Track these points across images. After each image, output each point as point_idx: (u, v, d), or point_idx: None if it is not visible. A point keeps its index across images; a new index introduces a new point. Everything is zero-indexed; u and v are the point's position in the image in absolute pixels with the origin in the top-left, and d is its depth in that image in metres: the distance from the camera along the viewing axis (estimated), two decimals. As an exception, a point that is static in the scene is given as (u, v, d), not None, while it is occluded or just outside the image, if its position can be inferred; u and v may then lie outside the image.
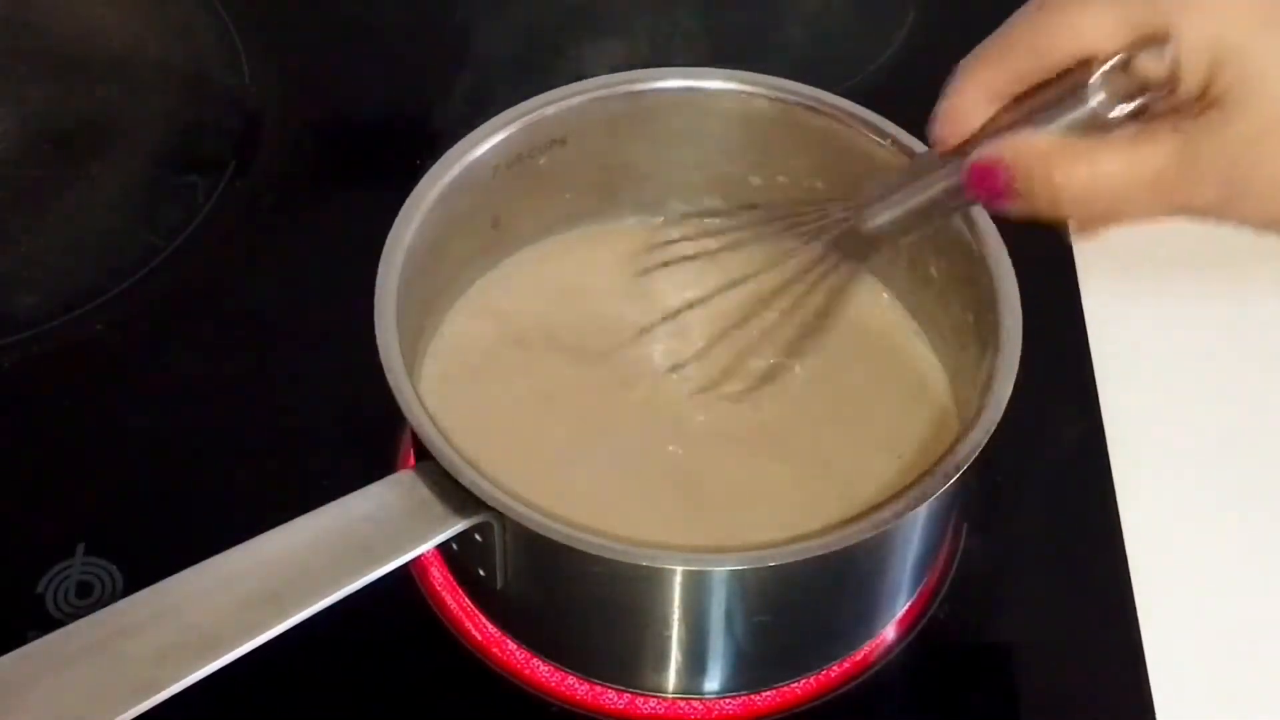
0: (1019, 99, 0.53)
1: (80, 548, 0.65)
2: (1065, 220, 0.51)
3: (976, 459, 0.55)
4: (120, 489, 0.68)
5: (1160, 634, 0.64)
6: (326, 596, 0.52)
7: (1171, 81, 0.49)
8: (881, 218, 0.59)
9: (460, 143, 0.63)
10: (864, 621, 0.62)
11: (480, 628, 0.64)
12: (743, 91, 0.65)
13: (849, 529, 0.54)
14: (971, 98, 0.53)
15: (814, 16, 0.87)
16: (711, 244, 0.65)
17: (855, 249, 0.60)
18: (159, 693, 0.50)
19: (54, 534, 0.66)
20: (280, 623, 0.52)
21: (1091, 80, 0.51)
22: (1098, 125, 0.51)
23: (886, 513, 0.55)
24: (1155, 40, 0.49)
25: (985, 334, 0.59)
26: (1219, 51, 0.48)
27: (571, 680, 0.62)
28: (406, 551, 0.54)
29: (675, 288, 0.67)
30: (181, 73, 0.85)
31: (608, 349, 0.66)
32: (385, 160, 0.79)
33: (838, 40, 0.86)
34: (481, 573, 0.58)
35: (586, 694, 0.62)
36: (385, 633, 0.64)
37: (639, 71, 0.66)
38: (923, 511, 0.56)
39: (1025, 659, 0.65)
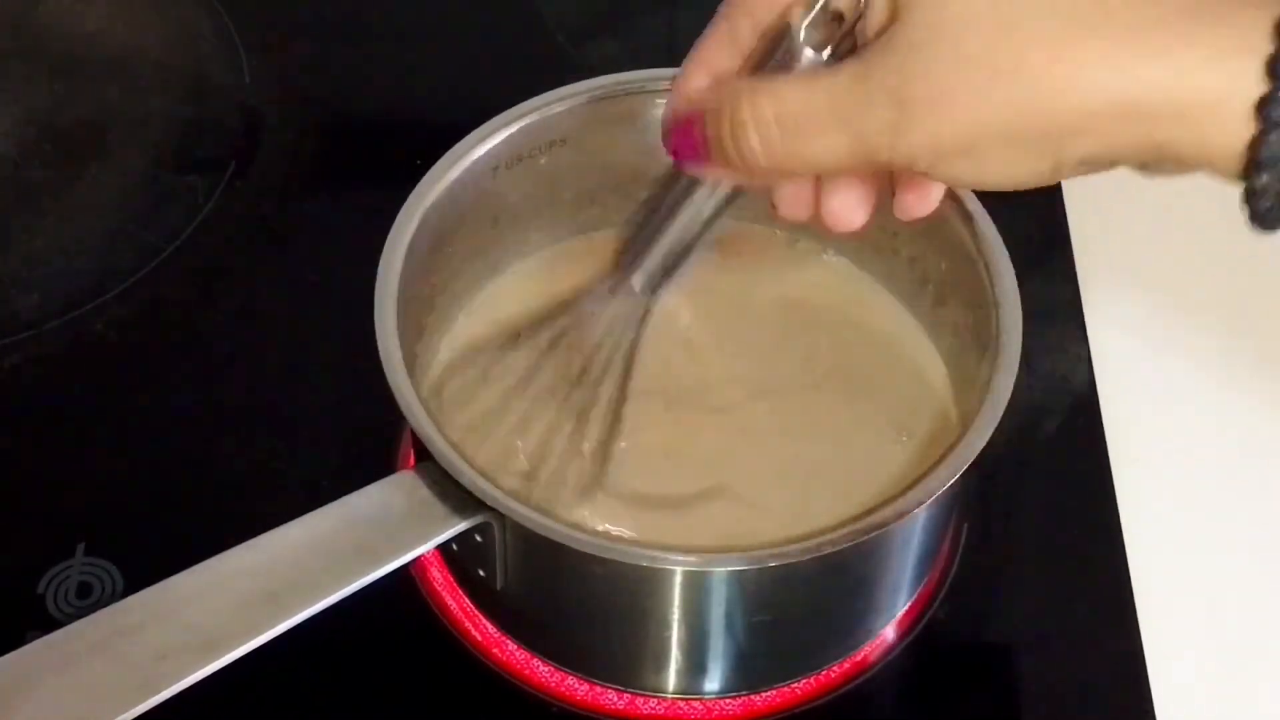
0: (741, 70, 0.51)
1: (80, 548, 0.65)
2: (765, 165, 0.49)
3: (976, 459, 0.55)
4: (120, 489, 0.68)
5: (1160, 634, 0.64)
6: (326, 596, 0.52)
7: (861, 8, 0.48)
8: (644, 270, 0.58)
9: (460, 143, 0.63)
10: (864, 621, 0.62)
11: (480, 628, 0.64)
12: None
13: (849, 529, 0.54)
14: (696, 81, 0.52)
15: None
16: None
17: (639, 304, 0.60)
18: (159, 693, 0.50)
19: (54, 534, 0.66)
20: (280, 623, 0.52)
21: (797, 28, 0.49)
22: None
23: (886, 513, 0.55)
24: None
25: (985, 334, 0.59)
26: None
27: (571, 680, 0.62)
28: (406, 551, 0.54)
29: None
30: (181, 73, 0.85)
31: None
32: (385, 160, 0.79)
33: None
34: (481, 573, 0.58)
35: (586, 694, 0.62)
36: (385, 633, 0.64)
37: (639, 71, 0.66)
38: (923, 511, 0.56)
39: (1025, 659, 0.65)
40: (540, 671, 0.62)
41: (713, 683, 0.61)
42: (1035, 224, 0.75)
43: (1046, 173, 0.46)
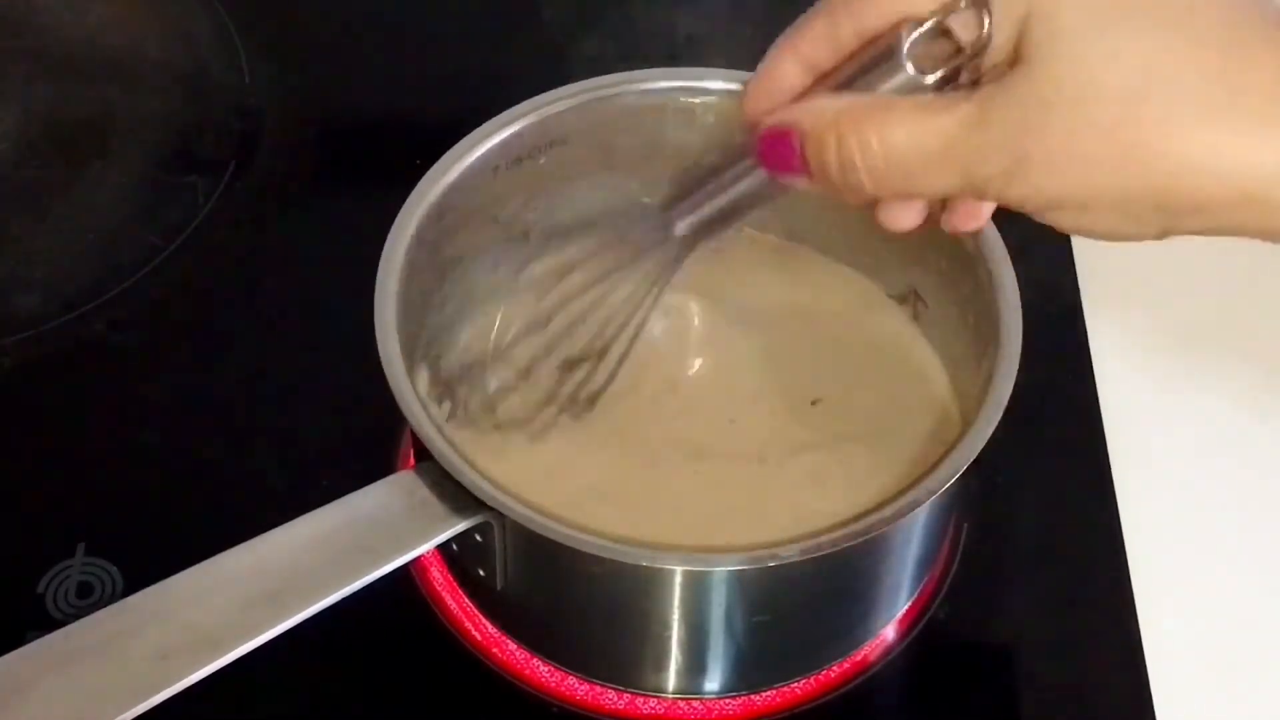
0: (837, 71, 0.49)
1: (80, 548, 0.65)
2: (858, 196, 0.47)
3: (976, 459, 0.55)
4: (120, 489, 0.68)
5: (1160, 634, 0.64)
6: (326, 596, 0.52)
7: (983, 44, 0.46)
8: (691, 219, 0.57)
9: (460, 143, 0.63)
10: (864, 621, 0.62)
11: (480, 628, 0.64)
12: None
13: (849, 529, 0.54)
14: (786, 69, 0.50)
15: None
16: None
17: (674, 250, 0.59)
18: (159, 693, 0.50)
19: (54, 534, 0.66)
20: (280, 623, 0.52)
21: (904, 44, 0.47)
22: (913, 94, 0.47)
23: (887, 513, 0.55)
24: (973, 2, 0.46)
25: (985, 334, 0.59)
26: (1033, 8, 0.44)
27: (571, 680, 0.62)
28: (406, 551, 0.54)
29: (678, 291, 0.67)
30: (181, 73, 0.85)
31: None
32: (385, 160, 0.79)
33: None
34: (481, 573, 0.58)
35: (586, 694, 0.62)
36: (385, 633, 0.64)
37: (639, 71, 0.66)
38: (923, 511, 0.56)
39: (1025, 659, 0.65)
40: (540, 671, 0.62)
41: (712, 683, 0.61)
42: (1036, 225, 0.75)
43: (1155, 236, 0.45)
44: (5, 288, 0.75)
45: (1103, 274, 0.75)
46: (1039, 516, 0.68)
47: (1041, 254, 0.74)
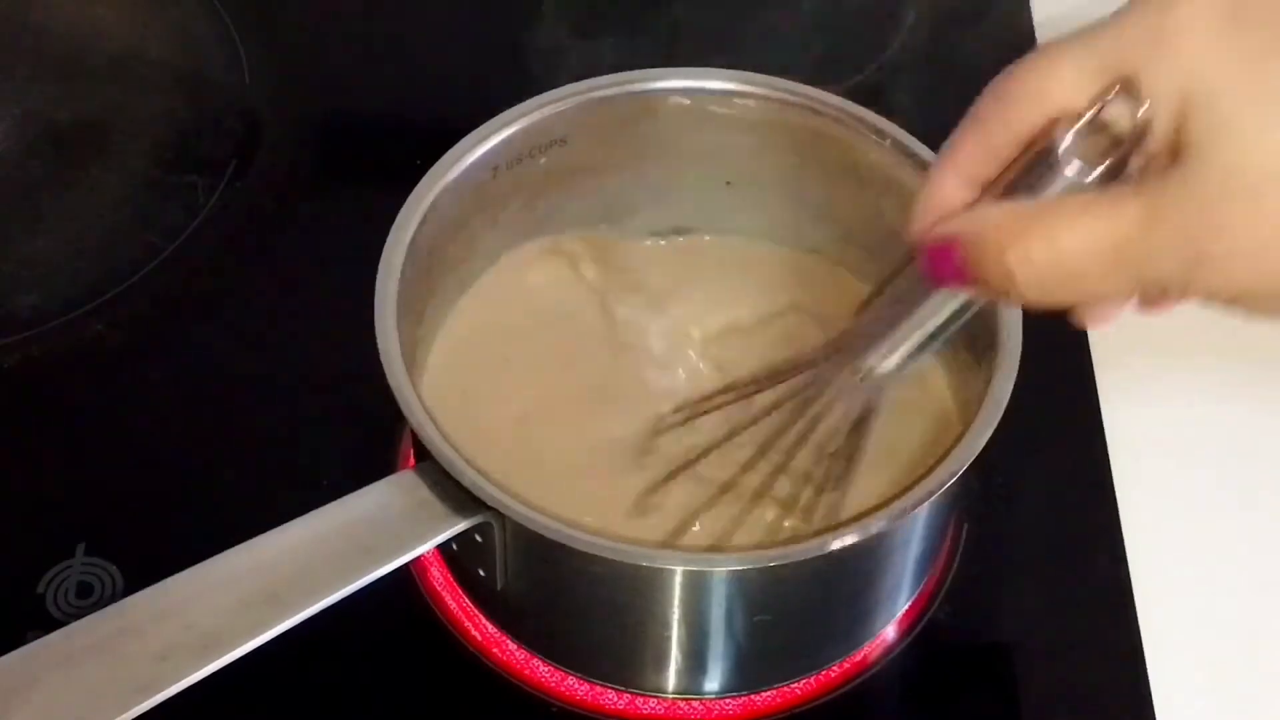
0: (1000, 179, 0.47)
1: (80, 548, 0.65)
2: (1035, 300, 0.46)
3: (976, 459, 0.55)
4: (120, 489, 0.68)
5: (1160, 634, 0.64)
6: (326, 596, 0.52)
7: (1142, 133, 0.43)
8: (892, 361, 0.55)
9: (460, 143, 0.63)
10: (864, 621, 0.62)
11: (480, 628, 0.64)
12: (743, 92, 0.65)
13: (849, 529, 0.54)
14: (949, 186, 0.48)
15: (814, 16, 0.87)
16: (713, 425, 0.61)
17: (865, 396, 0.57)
18: (159, 693, 0.50)
19: (54, 534, 0.66)
20: (280, 623, 0.52)
21: (1062, 142, 0.45)
22: (1078, 192, 0.45)
23: (886, 513, 0.55)
24: (1125, 89, 0.44)
25: (985, 334, 0.59)
26: (1189, 95, 0.42)
27: (571, 680, 0.62)
28: (406, 551, 0.54)
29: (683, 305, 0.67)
30: (181, 73, 0.85)
31: (609, 350, 0.66)
32: (385, 160, 0.79)
33: (838, 40, 0.86)
34: (481, 573, 0.58)
35: (586, 694, 0.62)
36: (385, 633, 0.64)
37: (639, 71, 0.66)
38: (923, 511, 0.56)
39: (1025, 659, 0.65)
40: (540, 671, 0.62)
41: (713, 683, 0.61)
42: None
43: None
44: (5, 288, 0.75)
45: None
46: (1039, 516, 0.68)
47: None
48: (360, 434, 0.69)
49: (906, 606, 0.64)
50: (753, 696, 0.62)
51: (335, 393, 0.70)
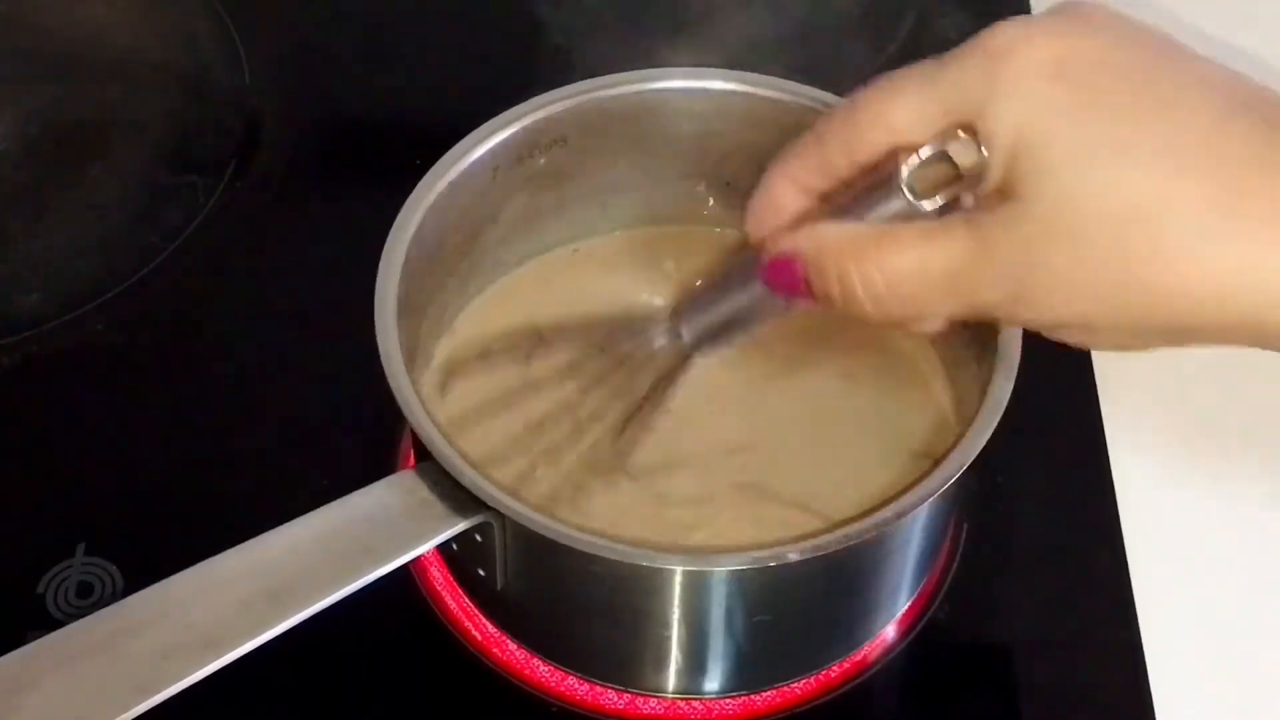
0: (835, 193, 0.50)
1: (80, 548, 0.65)
2: (873, 318, 0.48)
3: (976, 459, 0.55)
4: (120, 489, 0.68)
5: (1160, 634, 0.64)
6: (326, 596, 0.52)
7: (979, 172, 0.46)
8: (699, 329, 0.59)
9: (460, 143, 0.63)
10: (864, 621, 0.62)
11: (480, 628, 0.64)
12: (743, 91, 0.65)
13: (849, 529, 0.54)
14: (781, 192, 0.51)
15: (814, 16, 0.87)
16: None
17: (678, 355, 0.60)
18: (160, 693, 0.50)
19: (54, 534, 0.66)
20: (280, 623, 0.52)
21: (900, 172, 0.47)
22: (910, 219, 0.48)
23: (886, 513, 0.55)
24: (966, 128, 0.46)
25: (985, 334, 0.59)
26: (1020, 139, 0.45)
27: (571, 680, 0.62)
28: (406, 551, 0.54)
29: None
30: (181, 73, 0.85)
31: (609, 349, 0.66)
32: (385, 160, 0.79)
33: (838, 40, 0.86)
34: (481, 573, 0.58)
35: (586, 694, 0.62)
36: (385, 633, 0.64)
37: (639, 71, 0.66)
38: (923, 511, 0.56)
39: (1025, 659, 0.65)
40: (540, 671, 0.62)
41: (713, 683, 0.61)
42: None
43: (1160, 346, 0.46)
44: (5, 288, 0.75)
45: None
46: (1039, 516, 0.68)
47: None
48: (360, 434, 0.69)
49: (906, 606, 0.64)
50: (753, 696, 0.62)
51: (335, 393, 0.70)
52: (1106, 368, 0.72)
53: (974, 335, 0.61)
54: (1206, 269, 0.43)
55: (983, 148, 0.46)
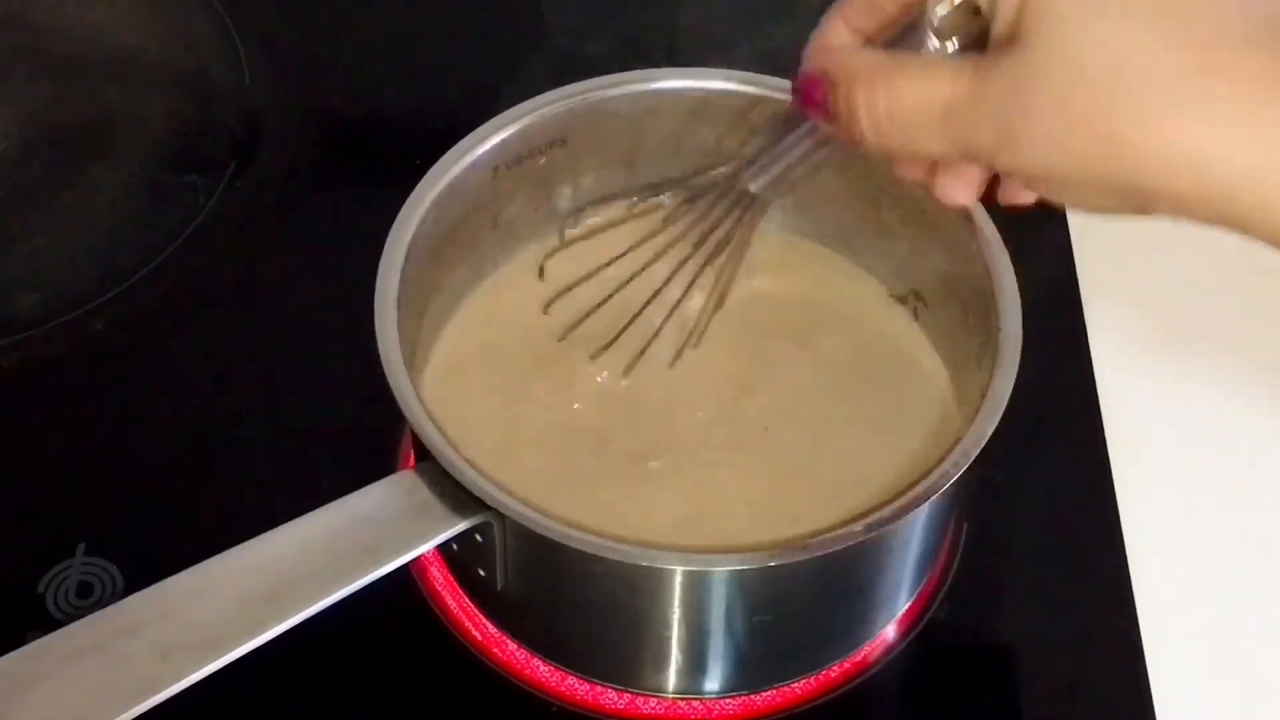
0: (879, 35, 0.52)
1: (80, 548, 0.65)
2: (874, 146, 0.50)
3: (976, 459, 0.55)
4: (120, 489, 0.68)
5: (1160, 634, 0.64)
6: (326, 596, 0.52)
7: (991, 12, 0.47)
8: (765, 175, 0.60)
9: (460, 143, 0.63)
10: (864, 621, 0.62)
11: (480, 628, 0.64)
12: (743, 91, 0.65)
13: (849, 529, 0.54)
14: (835, 31, 0.53)
15: (814, 16, 0.87)
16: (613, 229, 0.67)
17: (753, 205, 0.62)
18: (160, 693, 0.50)
19: (54, 534, 0.66)
20: (280, 623, 0.52)
21: (929, 13, 0.49)
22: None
23: (886, 513, 0.55)
24: None
25: (985, 334, 0.59)
26: None
27: (571, 680, 0.62)
28: (406, 551, 0.54)
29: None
30: (181, 73, 0.85)
31: (608, 348, 0.66)
32: (385, 160, 0.79)
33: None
34: (481, 573, 0.58)
35: (586, 694, 0.62)
36: (385, 633, 0.64)
37: (639, 71, 0.66)
38: (923, 511, 0.56)
39: (1025, 659, 0.65)
40: (540, 671, 0.62)
41: (713, 683, 0.61)
42: (1036, 225, 0.75)
43: (1135, 213, 0.47)
44: (5, 288, 0.75)
45: (1103, 273, 0.75)
46: (1039, 516, 0.68)
47: (1041, 253, 0.74)
48: (360, 434, 0.69)
49: (906, 606, 0.64)
50: (753, 696, 0.62)
51: (335, 393, 0.70)
52: (1107, 367, 0.72)
53: (975, 335, 0.61)
54: (1182, 134, 0.43)
55: None
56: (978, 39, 0.49)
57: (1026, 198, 0.53)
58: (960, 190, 0.53)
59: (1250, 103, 0.43)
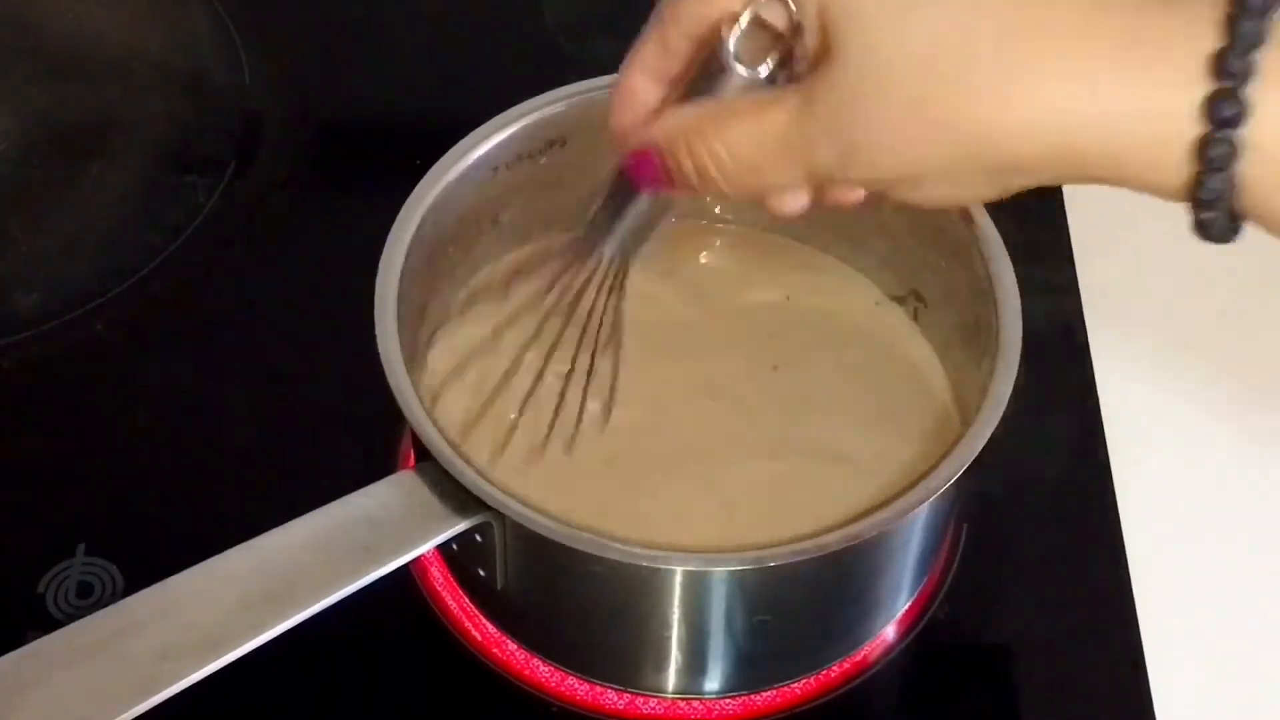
0: (684, 75, 0.51)
1: (80, 548, 0.65)
2: (732, 193, 0.49)
3: (976, 459, 0.55)
4: (120, 489, 0.68)
5: (1160, 634, 0.64)
6: (326, 596, 0.52)
7: (795, 31, 0.47)
8: (612, 241, 0.58)
9: (460, 143, 0.63)
10: (864, 621, 0.62)
11: (480, 628, 0.64)
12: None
13: (849, 529, 0.54)
14: (638, 83, 0.52)
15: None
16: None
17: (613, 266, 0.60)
18: (160, 693, 0.50)
19: (54, 534, 0.66)
20: (280, 623, 0.52)
21: (727, 44, 0.48)
22: (753, 91, 0.49)
23: (886, 513, 0.55)
24: None
25: (985, 334, 0.59)
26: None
27: (571, 680, 0.62)
28: (406, 551, 0.54)
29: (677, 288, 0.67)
30: (181, 73, 0.85)
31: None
32: (385, 160, 0.79)
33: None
34: (481, 573, 0.58)
35: (586, 694, 0.62)
36: (385, 633, 0.64)
37: (639, 71, 0.66)
38: (923, 511, 0.56)
39: (1025, 659, 0.65)
40: (540, 671, 0.62)
41: (713, 683, 0.61)
42: (1036, 224, 0.75)
43: (993, 196, 0.46)
44: (5, 288, 0.75)
45: (1103, 274, 0.75)
46: (1039, 516, 0.68)
47: (1041, 254, 0.74)
48: (360, 434, 0.69)
49: (906, 606, 0.64)
50: (753, 696, 0.62)
51: (335, 392, 0.70)
52: (1107, 367, 0.72)
53: (975, 335, 0.61)
54: (1014, 101, 0.42)
55: (792, 3, 0.46)
56: (781, 62, 0.48)
57: (853, 198, 0.52)
58: (792, 202, 0.51)
59: (1065, 52, 0.42)
